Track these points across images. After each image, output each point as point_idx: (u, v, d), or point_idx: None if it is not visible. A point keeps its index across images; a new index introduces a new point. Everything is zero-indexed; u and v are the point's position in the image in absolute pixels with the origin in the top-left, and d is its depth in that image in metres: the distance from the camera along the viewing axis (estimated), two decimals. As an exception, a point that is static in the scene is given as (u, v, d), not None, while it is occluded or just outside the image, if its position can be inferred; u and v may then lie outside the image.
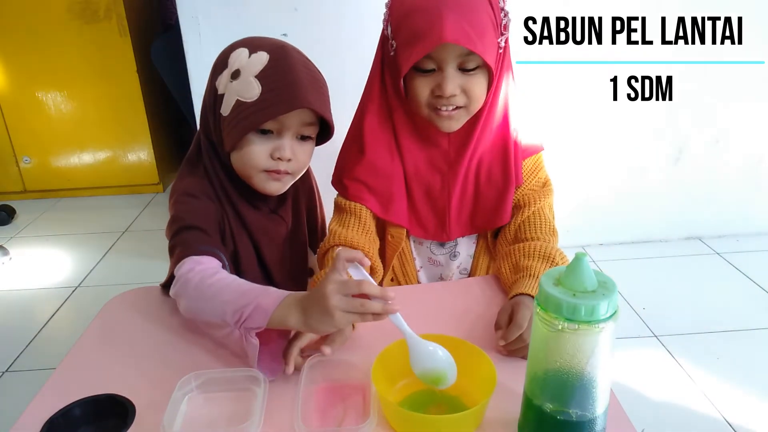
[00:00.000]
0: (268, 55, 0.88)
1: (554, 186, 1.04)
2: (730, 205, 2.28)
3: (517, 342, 0.77)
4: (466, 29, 0.83)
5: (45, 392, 0.75)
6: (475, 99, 0.90)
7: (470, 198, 1.01)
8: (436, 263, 1.09)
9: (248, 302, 0.74)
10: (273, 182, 0.94)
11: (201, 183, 0.96)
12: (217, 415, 0.71)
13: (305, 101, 0.86)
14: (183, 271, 0.83)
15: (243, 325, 0.73)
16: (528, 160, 1.01)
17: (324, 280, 0.70)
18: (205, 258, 0.86)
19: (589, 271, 0.56)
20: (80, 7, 2.65)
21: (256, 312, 0.73)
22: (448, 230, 1.02)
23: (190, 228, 0.90)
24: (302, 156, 0.94)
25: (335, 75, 1.31)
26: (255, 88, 0.86)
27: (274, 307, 0.72)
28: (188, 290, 0.81)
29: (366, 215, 1.00)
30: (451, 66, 0.87)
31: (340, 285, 0.69)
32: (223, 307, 0.75)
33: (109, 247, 2.47)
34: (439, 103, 0.90)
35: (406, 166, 0.99)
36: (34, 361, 1.74)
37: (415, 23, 0.86)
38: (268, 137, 0.90)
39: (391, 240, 1.04)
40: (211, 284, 0.80)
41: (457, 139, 0.97)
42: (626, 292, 1.92)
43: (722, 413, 1.42)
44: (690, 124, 2.12)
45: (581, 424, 0.60)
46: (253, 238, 1.00)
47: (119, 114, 2.87)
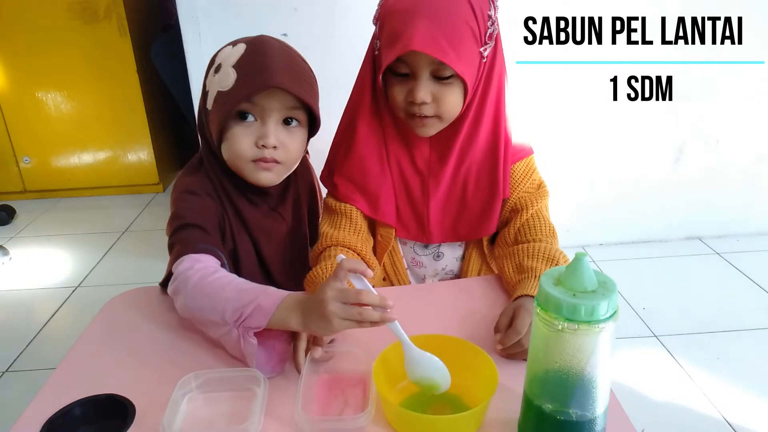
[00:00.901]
0: (246, 46, 0.89)
1: (554, 186, 1.04)
2: (730, 205, 2.28)
3: (515, 347, 0.76)
4: (438, 38, 0.82)
5: (45, 392, 0.75)
6: (448, 109, 0.89)
7: (455, 205, 1.00)
8: (419, 264, 1.10)
9: (249, 302, 0.74)
10: (262, 172, 0.93)
11: (201, 180, 0.97)
12: (217, 415, 0.71)
13: (276, 81, 0.86)
14: (181, 268, 0.84)
15: (242, 324, 0.73)
16: (519, 164, 1.00)
17: (324, 286, 0.71)
18: (204, 256, 0.86)
19: (589, 271, 0.56)
20: (80, 7, 2.65)
21: (256, 312, 0.73)
22: (428, 234, 1.02)
23: (190, 226, 0.90)
24: (291, 144, 0.93)
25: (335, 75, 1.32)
26: (231, 77, 0.87)
27: (275, 308, 0.73)
28: (187, 288, 0.81)
29: (356, 215, 1.00)
30: (424, 73, 0.86)
31: (338, 293, 0.69)
32: (223, 305, 0.75)
33: (109, 247, 2.47)
34: (413, 110, 0.89)
35: (391, 166, 0.99)
36: (34, 361, 1.74)
37: (394, 25, 0.86)
38: (251, 125, 0.90)
39: (380, 239, 1.04)
40: (210, 282, 0.80)
41: (439, 145, 0.97)
42: (626, 292, 1.92)
43: (722, 413, 1.42)
44: (690, 124, 2.12)
45: (581, 424, 0.60)
46: (252, 236, 1.00)
47: (119, 114, 2.87)
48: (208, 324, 0.79)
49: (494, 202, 0.98)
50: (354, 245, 0.98)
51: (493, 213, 0.99)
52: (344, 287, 0.70)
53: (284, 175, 0.97)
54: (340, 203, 1.00)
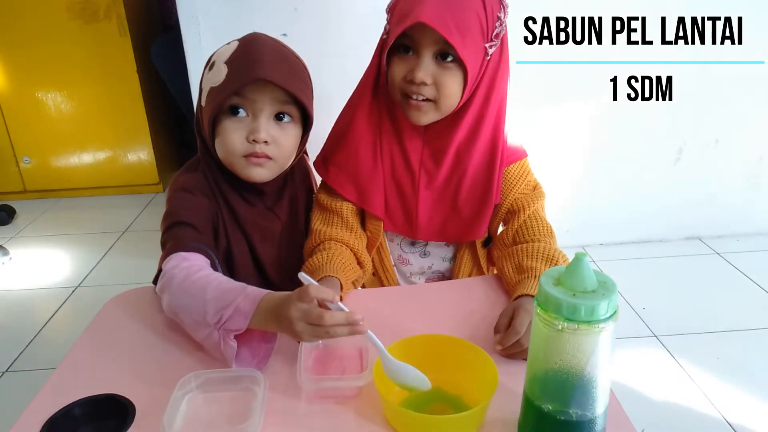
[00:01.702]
0: (238, 43, 0.90)
1: (554, 186, 1.04)
2: (730, 205, 2.27)
3: (515, 347, 0.77)
4: (446, 18, 0.83)
5: (45, 392, 0.75)
6: (446, 95, 0.89)
7: (446, 206, 1.01)
8: (405, 262, 1.10)
9: (228, 304, 0.74)
10: (255, 167, 0.93)
11: (197, 178, 0.97)
12: (217, 415, 0.71)
13: (264, 74, 0.86)
14: (169, 266, 0.84)
15: (223, 327, 0.74)
16: (513, 166, 1.00)
17: (290, 304, 0.70)
18: (193, 255, 0.87)
19: (589, 271, 0.56)
20: (80, 6, 2.65)
21: (236, 314, 0.73)
22: (414, 229, 1.03)
23: (182, 224, 0.91)
24: (283, 139, 0.93)
25: (336, 74, 1.32)
26: (222, 72, 0.88)
27: (253, 311, 0.73)
28: (172, 286, 0.82)
29: (347, 212, 1.01)
30: (427, 51, 0.87)
31: (303, 313, 0.69)
32: (205, 306, 0.76)
33: (109, 247, 2.47)
34: (410, 90, 0.90)
35: (383, 159, 1.00)
36: (34, 361, 1.74)
37: (405, 5, 0.88)
38: (242, 120, 0.90)
39: (369, 235, 1.05)
40: (194, 281, 0.80)
41: (433, 141, 0.97)
42: (626, 292, 1.91)
43: (722, 413, 1.42)
44: (690, 124, 2.12)
45: (581, 424, 0.60)
46: (247, 235, 1.00)
47: (119, 114, 2.87)
48: (192, 324, 0.79)
49: (486, 207, 0.99)
50: (347, 241, 0.99)
51: (484, 217, 0.99)
52: (308, 307, 0.69)
53: (277, 171, 0.97)
54: (332, 200, 1.01)
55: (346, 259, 0.96)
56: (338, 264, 0.93)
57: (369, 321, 0.69)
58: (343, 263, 0.94)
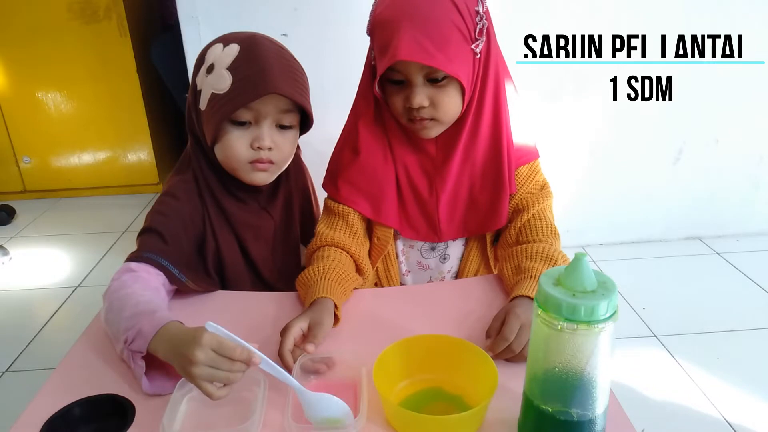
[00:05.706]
0: (239, 46, 0.89)
1: (554, 186, 1.03)
2: (730, 205, 2.28)
3: (506, 352, 0.76)
4: (424, 44, 0.82)
5: (45, 392, 0.75)
6: (446, 111, 0.90)
7: (463, 202, 1.01)
8: (425, 267, 1.09)
9: (134, 324, 0.74)
10: (258, 173, 0.94)
11: (186, 181, 0.97)
12: (217, 415, 0.71)
13: (274, 87, 0.86)
14: (114, 275, 0.86)
15: (129, 347, 0.74)
16: (524, 167, 1.00)
17: (195, 345, 0.65)
18: (142, 266, 0.87)
19: (589, 271, 0.56)
20: (80, 6, 2.65)
21: (139, 337, 0.73)
22: (439, 233, 1.02)
23: (151, 231, 0.91)
24: (284, 145, 0.94)
25: (336, 74, 1.32)
26: (226, 80, 0.87)
27: (153, 335, 0.72)
28: (106, 296, 0.83)
29: (354, 218, 1.00)
30: (417, 78, 0.87)
31: (210, 360, 0.65)
32: (119, 324, 0.76)
33: (109, 247, 2.47)
34: (412, 115, 0.90)
35: (397, 169, 0.99)
36: (34, 361, 1.74)
37: (382, 36, 0.87)
38: (246, 128, 0.91)
39: (377, 242, 1.04)
40: (120, 297, 0.81)
41: (445, 144, 0.97)
42: (626, 292, 1.92)
43: (722, 413, 1.42)
44: (690, 124, 2.12)
45: (581, 424, 0.60)
46: (237, 234, 1.00)
47: (119, 114, 2.87)
48: (112, 337, 0.80)
49: (501, 195, 0.98)
50: (348, 247, 0.98)
51: (502, 206, 0.99)
52: (216, 357, 0.65)
53: (277, 173, 0.98)
54: (338, 204, 1.00)
55: (344, 269, 0.93)
56: (334, 278, 0.90)
57: (369, 321, 0.69)
58: (339, 275, 0.91)
